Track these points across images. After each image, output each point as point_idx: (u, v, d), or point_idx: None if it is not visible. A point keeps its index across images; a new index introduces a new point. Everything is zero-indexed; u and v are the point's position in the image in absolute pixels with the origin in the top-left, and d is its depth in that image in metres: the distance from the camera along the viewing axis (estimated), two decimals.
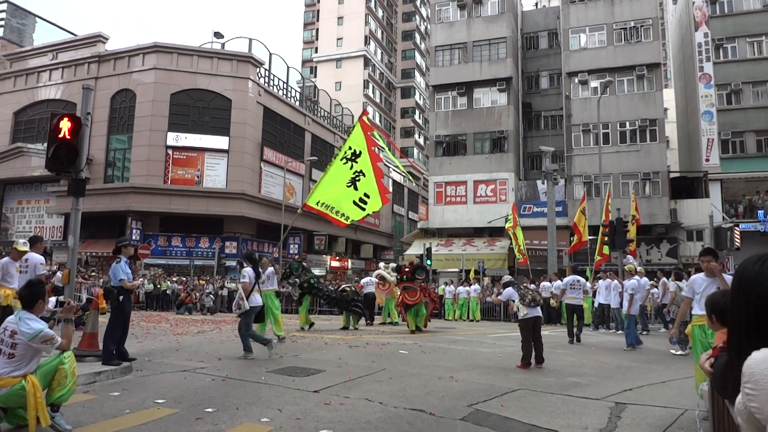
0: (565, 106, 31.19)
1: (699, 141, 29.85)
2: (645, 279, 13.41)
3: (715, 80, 29.70)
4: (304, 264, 15.63)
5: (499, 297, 10.05)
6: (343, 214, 11.27)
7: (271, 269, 11.62)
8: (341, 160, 11.39)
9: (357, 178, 11.22)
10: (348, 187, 11.26)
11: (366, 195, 11.26)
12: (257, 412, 5.22)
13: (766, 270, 1.59)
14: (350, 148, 11.36)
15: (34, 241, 8.65)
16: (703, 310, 4.59)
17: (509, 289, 9.55)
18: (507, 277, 10.16)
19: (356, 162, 11.24)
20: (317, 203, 11.30)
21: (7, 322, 4.58)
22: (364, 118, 11.80)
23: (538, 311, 8.86)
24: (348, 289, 15.63)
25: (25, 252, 8.31)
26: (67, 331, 4.86)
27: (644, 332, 14.31)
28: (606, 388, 6.92)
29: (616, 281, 14.16)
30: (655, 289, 16.16)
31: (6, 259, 8.23)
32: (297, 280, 14.51)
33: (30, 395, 4.29)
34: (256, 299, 8.90)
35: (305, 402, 5.72)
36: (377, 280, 17.75)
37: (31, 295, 4.66)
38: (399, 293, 15.90)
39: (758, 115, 29.23)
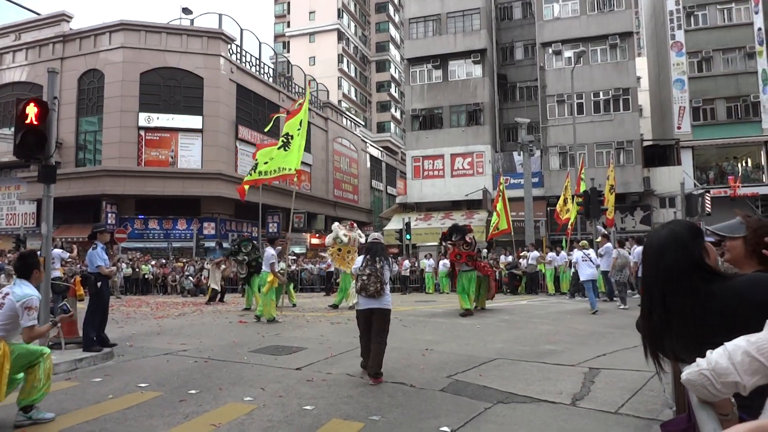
0: (539, 77, 31.24)
1: (671, 109, 30.22)
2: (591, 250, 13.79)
3: (686, 48, 29.97)
4: (255, 242, 15.53)
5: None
6: (284, 168, 12.09)
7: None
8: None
9: (287, 141, 12.28)
10: (279, 149, 12.32)
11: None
12: (240, 392, 5.30)
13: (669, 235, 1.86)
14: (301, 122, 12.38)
15: None
16: None
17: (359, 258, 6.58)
18: (374, 235, 6.90)
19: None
20: (258, 173, 12.41)
21: (6, 287, 4.70)
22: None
23: (372, 303, 5.95)
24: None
25: None
26: (45, 328, 4.86)
27: (610, 299, 14.73)
28: (580, 354, 7.14)
29: (608, 244, 14.21)
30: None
31: None
32: (246, 258, 13.97)
33: None
34: None
35: (288, 380, 5.82)
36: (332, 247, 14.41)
37: (26, 266, 4.75)
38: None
39: (728, 82, 29.64)
